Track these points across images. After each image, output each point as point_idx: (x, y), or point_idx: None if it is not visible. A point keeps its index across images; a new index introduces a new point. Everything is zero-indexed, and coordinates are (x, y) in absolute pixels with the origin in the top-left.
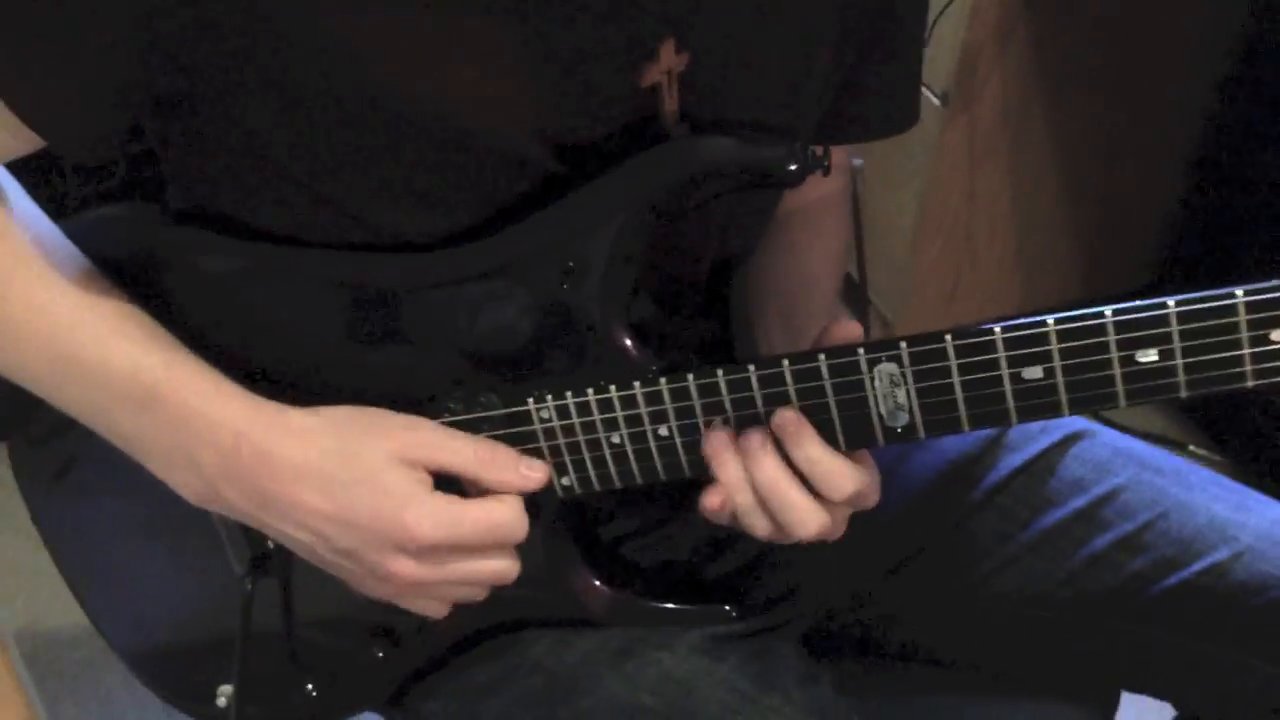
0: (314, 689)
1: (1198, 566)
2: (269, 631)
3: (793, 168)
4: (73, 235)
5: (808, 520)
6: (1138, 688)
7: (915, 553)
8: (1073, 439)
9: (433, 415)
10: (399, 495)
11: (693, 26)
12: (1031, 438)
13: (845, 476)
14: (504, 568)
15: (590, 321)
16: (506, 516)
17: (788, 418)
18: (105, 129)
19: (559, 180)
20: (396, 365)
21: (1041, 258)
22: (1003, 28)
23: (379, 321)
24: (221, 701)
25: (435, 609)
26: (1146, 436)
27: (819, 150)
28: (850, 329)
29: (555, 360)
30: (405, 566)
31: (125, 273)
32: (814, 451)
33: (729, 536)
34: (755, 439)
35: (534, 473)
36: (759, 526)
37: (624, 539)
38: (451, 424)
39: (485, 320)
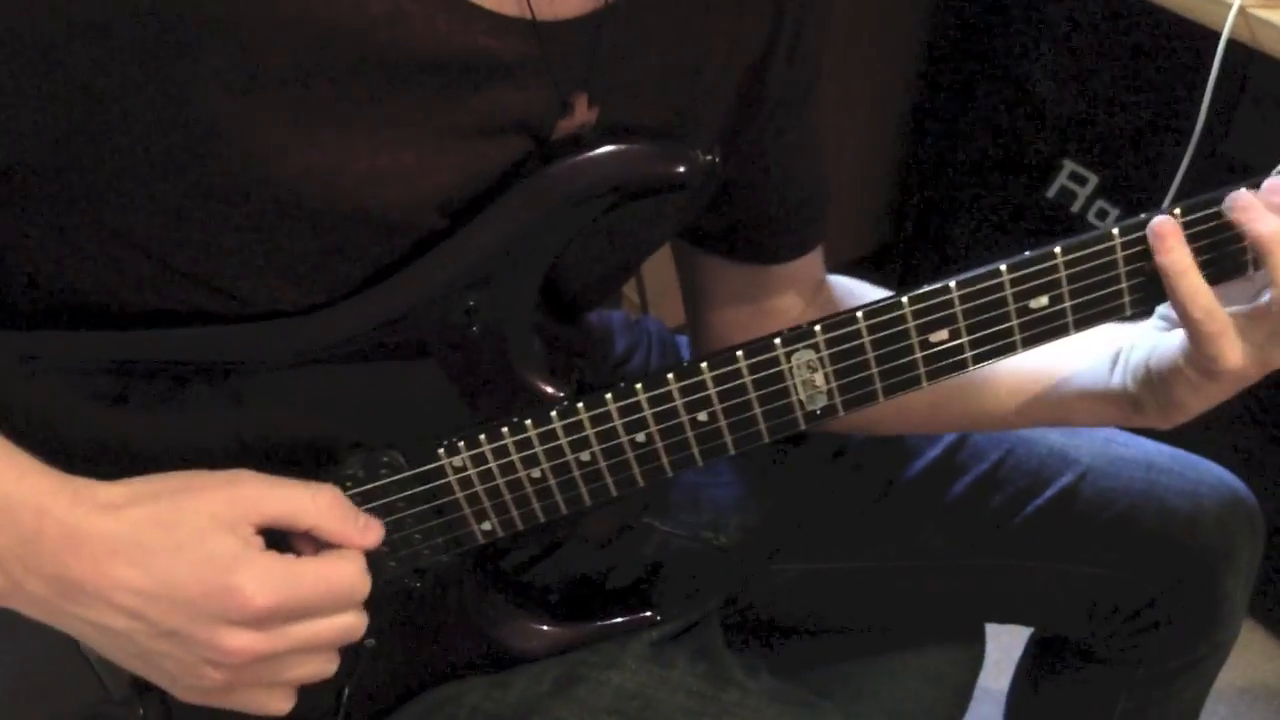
0: None
1: (1050, 493)
2: None
3: (681, 169)
4: None
5: None
6: (1005, 618)
7: (791, 532)
8: None
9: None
10: (225, 559)
11: (602, 81)
12: None
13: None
14: (351, 623)
15: (496, 359)
16: (348, 570)
17: (1162, 222)
18: None
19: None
20: (285, 440)
21: None
22: None
23: (256, 398)
24: None
25: (278, 700)
26: None
27: (708, 152)
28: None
29: (461, 405)
30: (241, 640)
31: None
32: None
33: (618, 548)
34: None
35: (371, 531)
36: None
37: (522, 568)
38: (356, 494)
39: (380, 376)
